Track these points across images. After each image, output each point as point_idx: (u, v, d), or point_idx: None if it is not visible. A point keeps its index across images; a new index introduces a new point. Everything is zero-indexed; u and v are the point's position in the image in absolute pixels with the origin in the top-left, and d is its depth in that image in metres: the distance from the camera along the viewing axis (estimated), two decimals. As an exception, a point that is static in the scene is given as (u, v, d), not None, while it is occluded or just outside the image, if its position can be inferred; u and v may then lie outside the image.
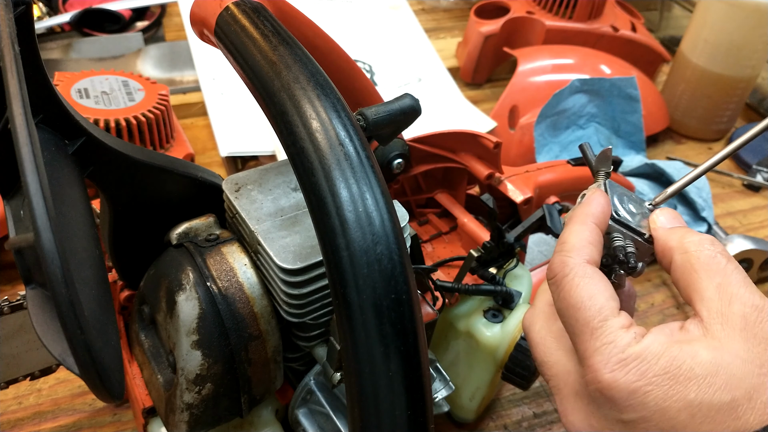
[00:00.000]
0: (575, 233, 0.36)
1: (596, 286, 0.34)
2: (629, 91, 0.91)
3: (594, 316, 0.33)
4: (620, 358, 0.31)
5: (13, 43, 0.30)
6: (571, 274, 0.34)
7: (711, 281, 0.33)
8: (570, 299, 0.34)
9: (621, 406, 0.31)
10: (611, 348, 0.32)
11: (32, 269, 0.32)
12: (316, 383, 0.47)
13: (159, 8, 1.15)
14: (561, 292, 0.34)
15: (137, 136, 0.72)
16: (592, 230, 0.36)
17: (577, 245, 0.35)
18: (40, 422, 0.59)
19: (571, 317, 0.34)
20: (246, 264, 0.42)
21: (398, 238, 0.30)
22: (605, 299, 0.33)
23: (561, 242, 0.37)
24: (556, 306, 0.35)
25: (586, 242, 0.36)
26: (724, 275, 0.33)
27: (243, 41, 0.36)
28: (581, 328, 0.33)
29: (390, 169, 0.55)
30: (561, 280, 0.35)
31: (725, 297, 0.32)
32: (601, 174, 0.40)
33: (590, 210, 0.37)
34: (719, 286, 0.33)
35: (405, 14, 1.20)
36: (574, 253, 0.35)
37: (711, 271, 0.33)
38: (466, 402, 0.58)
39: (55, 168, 0.36)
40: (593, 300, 0.33)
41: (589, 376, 0.32)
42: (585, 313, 0.33)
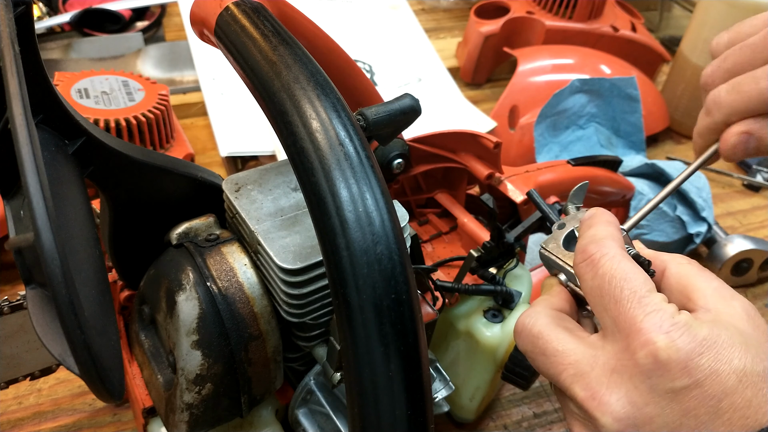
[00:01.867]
0: (603, 229, 0.37)
1: (635, 266, 0.35)
2: (629, 91, 0.91)
3: (641, 285, 0.33)
4: (672, 322, 0.31)
5: (13, 43, 0.30)
6: (612, 252, 0.35)
7: (709, 284, 0.35)
8: (613, 272, 0.34)
9: (675, 370, 0.30)
10: (662, 313, 0.32)
11: (32, 269, 0.32)
12: (316, 383, 0.47)
13: (159, 8, 1.15)
14: (600, 269, 0.35)
15: (137, 136, 0.72)
16: (616, 229, 0.38)
17: (609, 235, 0.37)
18: (40, 422, 0.59)
19: (616, 288, 0.34)
20: (246, 264, 0.42)
21: (398, 238, 0.30)
22: (646, 276, 0.34)
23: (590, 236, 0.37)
24: (591, 285, 0.35)
25: (616, 236, 0.37)
26: (718, 282, 0.35)
27: (243, 41, 0.36)
28: (627, 297, 0.33)
29: (390, 169, 0.55)
30: (600, 258, 0.35)
31: (725, 296, 0.34)
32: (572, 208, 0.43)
33: (607, 218, 0.39)
34: (717, 288, 0.35)
35: (405, 14, 1.20)
36: (609, 240, 0.36)
37: (706, 277, 0.36)
38: (466, 402, 0.58)
39: (55, 168, 0.36)
40: (637, 274, 0.34)
41: (640, 340, 0.31)
42: (631, 282, 0.33)
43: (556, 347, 0.35)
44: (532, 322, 0.37)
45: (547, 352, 0.36)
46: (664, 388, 0.31)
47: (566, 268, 0.40)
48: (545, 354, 0.36)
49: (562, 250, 0.41)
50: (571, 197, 0.44)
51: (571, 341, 0.35)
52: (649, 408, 0.31)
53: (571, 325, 0.37)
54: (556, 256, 0.40)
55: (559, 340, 0.35)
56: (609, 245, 0.36)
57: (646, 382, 0.31)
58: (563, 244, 0.41)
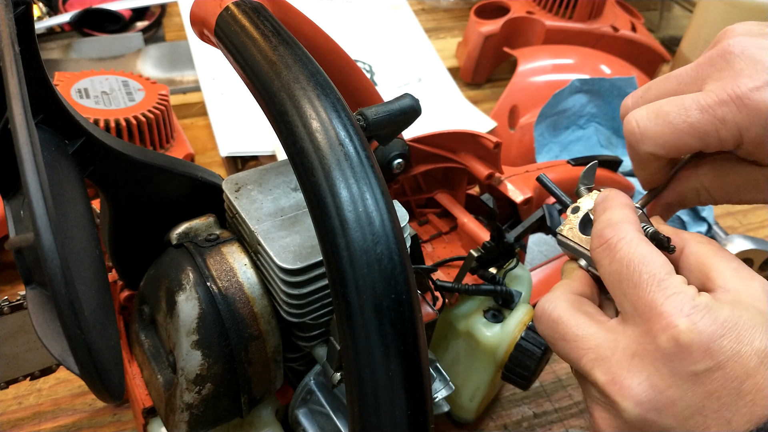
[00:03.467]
0: (618, 212, 0.37)
1: (653, 249, 0.34)
2: (629, 91, 0.91)
3: (660, 268, 0.33)
4: (693, 304, 0.31)
5: (13, 43, 0.30)
6: (629, 236, 0.35)
7: (728, 264, 0.35)
8: (632, 256, 0.34)
9: (697, 353, 0.30)
10: (683, 296, 0.32)
11: (32, 269, 0.32)
12: (316, 383, 0.47)
13: (159, 8, 1.15)
14: (618, 253, 0.35)
15: (137, 136, 0.72)
16: (632, 211, 0.38)
17: (625, 218, 0.36)
18: (40, 422, 0.59)
19: (635, 272, 0.33)
20: (246, 264, 0.42)
21: (398, 238, 0.30)
22: (664, 259, 0.34)
23: (605, 220, 0.37)
24: (609, 269, 0.35)
25: (632, 219, 0.37)
26: (737, 262, 0.35)
27: (243, 41, 0.36)
28: (646, 281, 0.33)
29: (390, 169, 0.55)
30: (617, 243, 0.35)
31: (744, 275, 0.34)
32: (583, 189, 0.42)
33: (622, 200, 0.38)
34: (736, 269, 0.34)
35: (405, 14, 1.20)
36: (625, 223, 0.36)
37: (726, 258, 0.35)
38: (466, 402, 0.58)
39: (55, 168, 0.36)
40: (656, 257, 0.34)
41: (661, 324, 0.31)
42: (650, 266, 0.33)
43: (576, 332, 0.35)
44: (552, 307, 0.37)
45: (567, 337, 0.35)
46: (686, 371, 0.31)
47: (585, 253, 0.39)
48: (565, 339, 0.35)
49: (578, 235, 0.40)
50: (582, 178, 0.43)
51: (591, 326, 0.35)
52: (671, 391, 0.31)
53: (591, 309, 0.37)
54: (573, 241, 0.40)
55: (579, 325, 0.35)
56: (625, 229, 0.35)
57: (667, 366, 0.31)
58: (579, 228, 0.40)
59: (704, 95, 0.37)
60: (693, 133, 0.37)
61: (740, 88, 0.36)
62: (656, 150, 0.38)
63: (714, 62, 0.38)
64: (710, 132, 0.37)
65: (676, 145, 0.38)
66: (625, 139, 0.40)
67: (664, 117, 0.38)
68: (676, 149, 0.38)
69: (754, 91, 0.36)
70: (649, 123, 0.39)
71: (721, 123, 0.36)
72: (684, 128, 0.37)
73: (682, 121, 0.37)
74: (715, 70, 0.38)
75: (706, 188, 0.41)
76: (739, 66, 0.37)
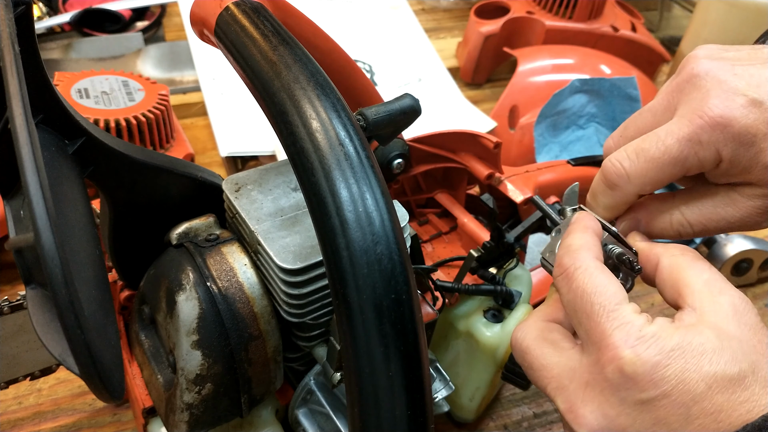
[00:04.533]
0: (579, 238, 0.38)
1: (607, 277, 0.36)
2: (629, 91, 0.91)
3: (610, 299, 0.34)
4: (639, 335, 0.32)
5: (13, 43, 0.30)
6: (584, 265, 0.36)
7: (699, 277, 0.35)
8: (585, 287, 0.35)
9: (642, 382, 0.31)
10: (629, 327, 0.33)
11: (32, 269, 0.32)
12: (316, 383, 0.47)
13: (159, 8, 1.15)
14: (573, 283, 0.36)
15: (137, 136, 0.72)
16: (593, 236, 0.39)
17: (584, 245, 0.38)
18: (40, 422, 0.59)
19: (587, 303, 0.35)
20: (246, 264, 0.42)
21: (398, 238, 0.30)
22: (617, 288, 0.35)
23: (565, 246, 0.38)
24: (566, 299, 0.36)
25: (592, 244, 0.38)
26: (710, 273, 0.36)
27: (243, 41, 0.36)
28: (597, 312, 0.34)
29: (390, 169, 0.55)
30: (573, 272, 0.36)
31: (714, 289, 0.35)
32: (568, 210, 0.43)
33: (586, 223, 0.40)
34: (707, 281, 0.35)
35: (405, 14, 1.20)
36: (583, 251, 0.37)
37: (698, 269, 0.36)
38: (466, 402, 0.58)
39: (55, 168, 0.36)
40: (607, 287, 0.35)
41: (608, 355, 0.33)
42: (601, 297, 0.34)
43: (540, 362, 0.37)
44: (522, 336, 0.39)
45: (533, 366, 0.38)
46: (634, 399, 0.32)
47: None
48: (532, 368, 0.38)
49: None
50: (565, 201, 0.44)
51: (554, 355, 0.37)
52: (621, 419, 0.32)
53: (558, 336, 0.38)
54: (551, 264, 0.41)
55: (544, 355, 0.37)
56: (582, 257, 0.37)
57: (616, 395, 0.33)
58: None
59: (677, 122, 0.38)
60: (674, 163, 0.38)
61: (711, 110, 0.37)
62: (644, 188, 0.39)
63: (682, 88, 0.39)
64: (689, 157, 0.38)
65: (660, 178, 0.39)
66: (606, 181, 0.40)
67: (644, 154, 0.39)
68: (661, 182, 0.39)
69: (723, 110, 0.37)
70: (631, 163, 0.39)
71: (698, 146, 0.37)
72: (665, 160, 0.38)
73: (662, 154, 0.38)
74: (684, 95, 0.39)
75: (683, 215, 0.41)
76: (705, 88, 0.38)
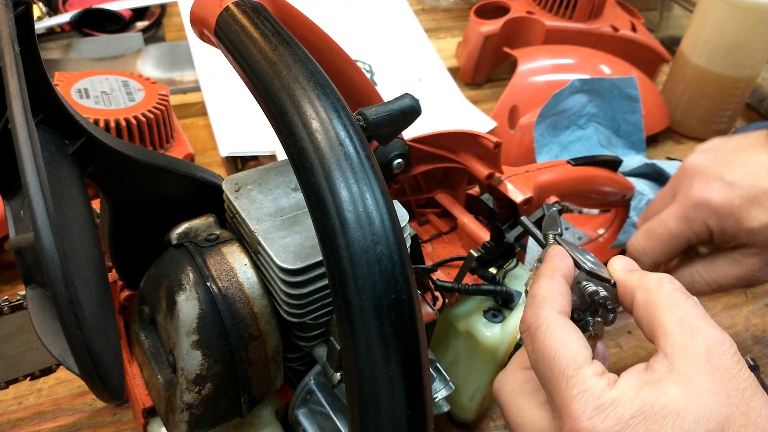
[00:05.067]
0: (544, 286, 0.37)
1: (569, 336, 0.35)
2: (629, 91, 0.91)
3: (568, 364, 0.33)
4: (597, 405, 0.32)
5: (13, 43, 0.30)
6: (545, 324, 0.35)
7: (672, 315, 0.34)
8: (544, 349, 0.34)
9: None
10: (587, 395, 0.32)
11: (32, 269, 0.32)
12: (316, 383, 0.47)
13: (159, 8, 1.15)
14: (535, 343, 0.35)
15: (137, 136, 0.72)
16: (560, 283, 0.38)
17: (548, 297, 0.37)
18: (40, 422, 0.59)
19: (546, 367, 0.34)
20: (246, 264, 0.42)
21: (398, 238, 0.30)
22: (578, 348, 0.34)
23: (531, 296, 0.38)
24: (530, 358, 0.36)
25: (556, 294, 0.37)
26: (684, 310, 0.34)
27: (243, 41, 0.36)
28: (557, 377, 0.33)
29: (390, 169, 0.55)
30: (534, 332, 0.35)
31: (687, 330, 0.33)
32: (550, 236, 0.43)
33: (554, 264, 0.39)
34: (681, 321, 0.34)
35: (405, 14, 1.20)
36: (546, 305, 0.36)
37: (672, 306, 0.35)
38: (466, 402, 0.58)
39: (55, 168, 0.36)
40: (567, 349, 0.34)
41: (568, 425, 0.32)
42: (559, 362, 0.34)
43: (515, 420, 0.38)
44: (499, 389, 0.40)
45: (510, 423, 0.39)
46: None
47: None
48: (509, 425, 0.39)
49: None
50: (545, 226, 0.44)
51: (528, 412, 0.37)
52: None
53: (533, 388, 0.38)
54: None
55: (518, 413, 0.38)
56: (544, 314, 0.36)
57: None
58: None
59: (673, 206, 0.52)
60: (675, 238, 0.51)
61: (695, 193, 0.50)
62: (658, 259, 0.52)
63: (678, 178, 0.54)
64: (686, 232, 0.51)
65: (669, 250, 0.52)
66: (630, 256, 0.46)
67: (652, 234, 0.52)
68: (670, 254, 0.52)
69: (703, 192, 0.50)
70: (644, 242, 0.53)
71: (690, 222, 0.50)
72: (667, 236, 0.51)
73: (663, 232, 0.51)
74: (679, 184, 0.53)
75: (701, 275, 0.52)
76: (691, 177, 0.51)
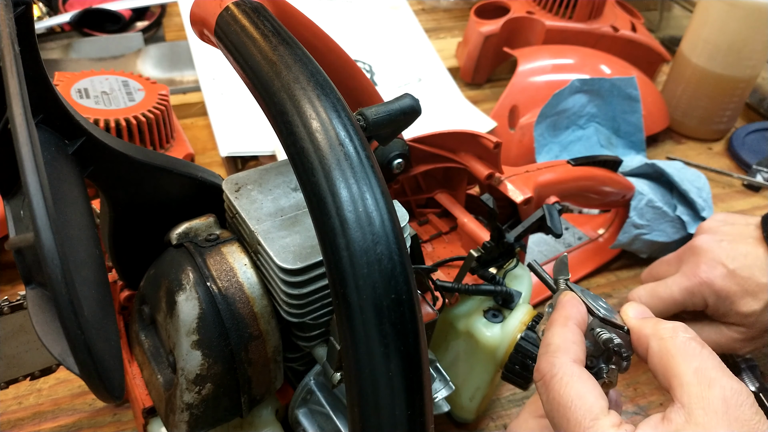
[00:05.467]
0: (558, 335, 0.37)
1: (585, 385, 0.34)
2: (629, 91, 0.91)
3: (585, 415, 0.33)
4: None
5: (13, 43, 0.30)
6: (560, 374, 0.35)
7: (689, 366, 0.34)
8: (560, 399, 0.34)
9: None
10: None
11: (32, 269, 0.32)
12: (316, 383, 0.47)
13: (159, 8, 1.15)
14: (550, 393, 0.35)
15: (137, 136, 0.72)
16: (573, 331, 0.38)
17: (563, 346, 0.37)
18: (40, 422, 0.59)
19: (562, 418, 0.34)
20: (246, 264, 0.42)
21: (398, 238, 0.30)
22: (594, 398, 0.34)
23: (545, 344, 0.38)
24: (546, 408, 0.36)
25: (570, 342, 0.37)
26: (701, 359, 0.34)
27: (243, 41, 0.36)
28: (573, 428, 0.33)
29: (390, 169, 0.55)
30: (550, 381, 0.35)
31: (704, 381, 0.33)
32: (561, 281, 0.43)
33: (567, 312, 0.39)
34: (697, 371, 0.33)
35: (405, 14, 1.20)
36: (560, 354, 0.36)
37: (687, 356, 0.34)
38: (466, 402, 0.58)
39: (55, 168, 0.36)
40: (583, 399, 0.34)
41: None
42: (576, 413, 0.33)
43: None
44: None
45: None
46: None
47: None
48: None
49: None
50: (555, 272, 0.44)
51: None
52: None
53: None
54: None
55: None
56: (559, 363, 0.36)
57: None
58: None
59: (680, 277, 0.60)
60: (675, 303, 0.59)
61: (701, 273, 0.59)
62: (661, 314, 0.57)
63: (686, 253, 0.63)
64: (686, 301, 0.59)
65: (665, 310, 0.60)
66: None
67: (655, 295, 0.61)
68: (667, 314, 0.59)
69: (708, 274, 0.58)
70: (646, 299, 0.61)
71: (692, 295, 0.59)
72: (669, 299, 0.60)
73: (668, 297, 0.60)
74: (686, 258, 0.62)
75: None
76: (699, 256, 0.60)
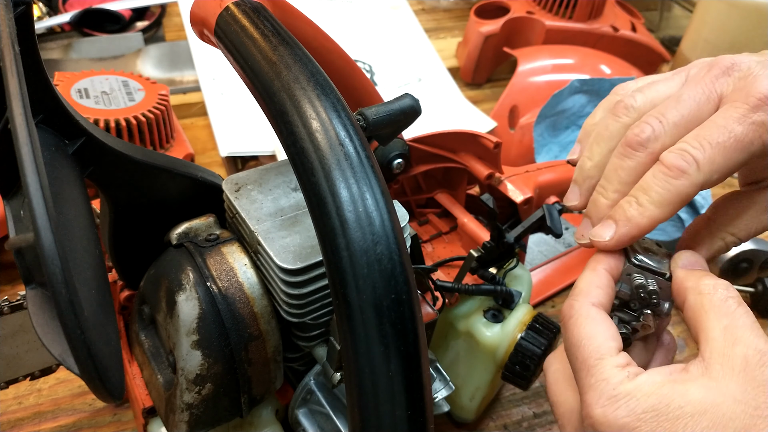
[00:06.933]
0: (584, 278, 0.39)
1: (597, 327, 0.36)
2: (629, 91, 0.91)
3: (591, 354, 0.35)
4: (611, 395, 0.33)
5: (13, 43, 0.30)
6: (576, 315, 0.37)
7: (719, 322, 0.34)
8: (572, 339, 0.36)
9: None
10: (604, 385, 0.33)
11: (32, 269, 0.32)
12: (316, 383, 0.47)
13: (159, 8, 1.15)
14: (566, 333, 0.37)
15: (137, 136, 0.72)
16: (600, 275, 0.39)
17: (585, 289, 0.38)
18: (40, 422, 0.59)
19: (572, 355, 0.36)
20: (246, 264, 0.42)
21: (398, 238, 0.30)
22: (603, 339, 0.36)
23: (573, 288, 0.40)
24: (564, 345, 0.38)
25: (594, 286, 0.38)
26: (732, 318, 0.34)
27: (243, 41, 0.36)
28: (580, 366, 0.35)
29: (390, 169, 0.55)
30: (567, 321, 0.37)
31: (730, 339, 0.33)
32: None
33: (600, 257, 0.40)
34: (726, 328, 0.34)
35: (405, 14, 1.20)
36: (581, 297, 0.38)
37: (720, 313, 0.34)
38: (466, 402, 0.58)
39: (55, 168, 0.36)
40: (591, 339, 0.36)
41: (583, 412, 0.34)
42: (583, 351, 0.35)
43: (554, 398, 0.40)
44: (547, 366, 0.42)
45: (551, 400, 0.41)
46: None
47: None
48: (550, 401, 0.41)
49: None
50: None
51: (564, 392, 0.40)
52: None
53: None
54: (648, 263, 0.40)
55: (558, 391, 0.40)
56: (578, 305, 0.38)
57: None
58: None
59: (733, 108, 0.37)
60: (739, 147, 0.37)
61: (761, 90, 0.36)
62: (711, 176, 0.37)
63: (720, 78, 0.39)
64: (754, 139, 0.37)
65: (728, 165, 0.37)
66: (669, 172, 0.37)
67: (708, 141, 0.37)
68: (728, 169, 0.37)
69: None
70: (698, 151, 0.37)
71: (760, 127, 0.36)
72: (731, 144, 0.37)
73: (726, 138, 0.37)
74: (726, 85, 0.39)
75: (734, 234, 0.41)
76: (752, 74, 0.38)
